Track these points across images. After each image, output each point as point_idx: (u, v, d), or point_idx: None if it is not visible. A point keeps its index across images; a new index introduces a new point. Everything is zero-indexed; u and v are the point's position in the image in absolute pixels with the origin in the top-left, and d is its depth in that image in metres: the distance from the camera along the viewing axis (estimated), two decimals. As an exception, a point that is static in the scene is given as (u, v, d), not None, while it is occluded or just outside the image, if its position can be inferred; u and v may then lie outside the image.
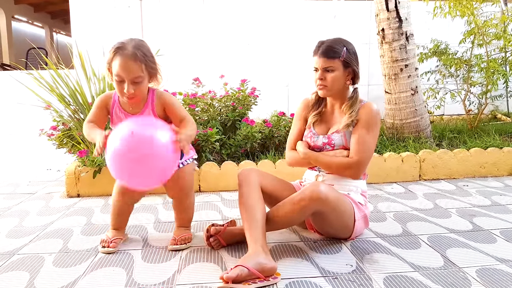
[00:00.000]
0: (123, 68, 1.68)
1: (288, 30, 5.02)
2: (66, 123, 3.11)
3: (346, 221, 1.83)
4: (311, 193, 1.67)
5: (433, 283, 1.54)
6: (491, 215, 2.28)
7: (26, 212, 2.48)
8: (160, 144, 1.55)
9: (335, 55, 1.83)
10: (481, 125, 4.00)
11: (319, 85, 1.89)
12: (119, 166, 1.57)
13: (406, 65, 3.40)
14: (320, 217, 1.78)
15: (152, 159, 1.54)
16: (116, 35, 4.77)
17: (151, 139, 1.55)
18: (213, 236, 1.84)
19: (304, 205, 1.69)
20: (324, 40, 1.89)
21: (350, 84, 1.92)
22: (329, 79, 1.85)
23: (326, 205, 1.70)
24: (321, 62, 1.85)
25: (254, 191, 1.76)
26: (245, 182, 1.79)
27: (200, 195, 2.77)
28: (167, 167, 1.61)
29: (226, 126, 3.26)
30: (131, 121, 1.65)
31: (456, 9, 3.65)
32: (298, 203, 1.70)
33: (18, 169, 3.67)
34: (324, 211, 1.73)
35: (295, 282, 1.57)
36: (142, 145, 1.52)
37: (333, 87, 1.87)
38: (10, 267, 1.74)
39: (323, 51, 1.84)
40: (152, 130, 1.58)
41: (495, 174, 3.13)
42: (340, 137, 1.88)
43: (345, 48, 1.85)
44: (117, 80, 1.71)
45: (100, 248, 1.91)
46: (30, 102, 3.18)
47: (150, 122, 1.67)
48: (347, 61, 1.85)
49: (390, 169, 3.00)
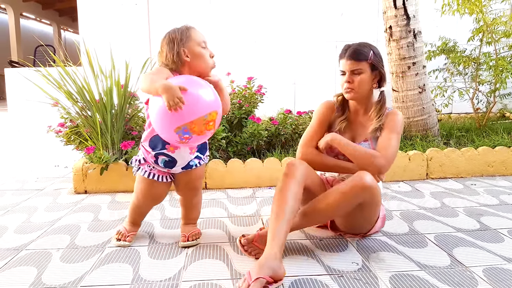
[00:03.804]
0: (203, 35, 1.82)
1: (295, 27, 5.01)
2: (74, 120, 3.12)
3: (374, 215, 1.84)
4: (364, 182, 1.65)
5: (439, 282, 1.53)
6: (499, 214, 2.27)
7: (34, 208, 2.51)
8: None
9: (363, 57, 1.82)
10: (489, 124, 3.97)
11: (347, 88, 1.86)
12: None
13: (413, 63, 3.38)
14: (356, 207, 1.75)
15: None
16: (123, 32, 4.82)
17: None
18: (248, 245, 1.78)
19: (355, 194, 1.66)
20: (351, 44, 1.88)
21: (376, 87, 1.91)
22: (357, 82, 1.84)
23: (373, 195, 1.70)
24: (349, 65, 1.83)
25: (295, 185, 1.70)
26: (290, 173, 1.72)
27: (206, 192, 2.78)
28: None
29: (233, 124, 3.26)
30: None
31: (464, 6, 3.61)
32: (350, 191, 1.67)
33: (26, 166, 3.71)
34: (367, 202, 1.72)
35: (301, 280, 1.57)
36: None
37: (360, 90, 1.85)
38: (18, 262, 1.76)
39: (350, 53, 1.83)
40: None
41: (503, 173, 3.11)
42: (368, 145, 1.87)
43: (372, 51, 1.84)
44: (203, 46, 1.79)
45: (114, 240, 1.93)
46: (38, 99, 3.20)
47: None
48: (374, 64, 1.84)
49: (397, 168, 2.98)
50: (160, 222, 2.23)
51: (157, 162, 1.82)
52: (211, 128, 1.61)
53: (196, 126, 1.55)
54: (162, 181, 1.88)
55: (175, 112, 1.49)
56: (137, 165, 1.88)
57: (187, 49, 1.74)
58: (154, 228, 2.14)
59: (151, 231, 2.10)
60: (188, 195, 1.96)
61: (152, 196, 1.91)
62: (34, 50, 8.44)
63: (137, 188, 1.92)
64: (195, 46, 1.76)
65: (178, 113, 1.51)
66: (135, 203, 1.96)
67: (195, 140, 1.62)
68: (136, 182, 1.92)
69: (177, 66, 1.76)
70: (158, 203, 2.00)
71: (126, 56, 3.39)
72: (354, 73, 1.84)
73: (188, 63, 1.76)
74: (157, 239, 2.00)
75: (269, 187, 2.87)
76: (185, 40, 1.75)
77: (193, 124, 1.54)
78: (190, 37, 1.76)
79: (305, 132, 1.98)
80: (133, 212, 1.99)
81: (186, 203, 1.99)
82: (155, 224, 2.19)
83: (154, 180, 1.86)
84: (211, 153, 2.94)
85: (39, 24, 15.39)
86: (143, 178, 1.88)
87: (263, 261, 1.50)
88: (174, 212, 2.38)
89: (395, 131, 1.84)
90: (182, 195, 1.97)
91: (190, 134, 1.56)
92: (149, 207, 2.00)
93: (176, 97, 1.47)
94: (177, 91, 1.49)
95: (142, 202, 1.94)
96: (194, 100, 1.54)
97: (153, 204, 2.00)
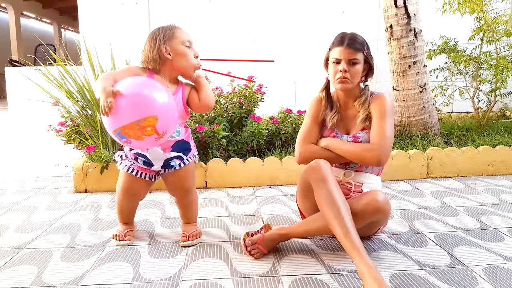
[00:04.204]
0: (188, 35, 1.80)
1: (295, 26, 5.00)
2: (74, 119, 3.13)
3: (382, 225, 1.83)
4: (377, 204, 1.61)
5: (439, 282, 1.53)
6: (499, 213, 2.27)
7: (34, 207, 2.51)
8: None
9: (361, 47, 1.79)
10: (490, 123, 3.96)
11: (342, 77, 1.78)
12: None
13: (414, 62, 3.38)
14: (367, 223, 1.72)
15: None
16: (124, 31, 4.81)
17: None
18: (252, 245, 1.76)
19: (367, 216, 1.63)
20: (345, 32, 1.83)
21: (363, 80, 1.87)
22: (353, 72, 1.79)
23: (386, 215, 1.68)
24: (347, 54, 1.77)
25: (338, 187, 1.63)
26: (328, 177, 1.63)
27: (207, 192, 2.78)
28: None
29: (233, 123, 3.26)
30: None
31: (465, 5, 3.61)
32: (359, 214, 1.62)
33: (26, 165, 3.71)
34: (380, 221, 1.72)
35: (301, 279, 1.57)
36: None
37: (354, 80, 1.81)
38: (19, 261, 1.76)
39: (349, 42, 1.77)
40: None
41: (503, 172, 3.10)
42: (366, 133, 1.83)
43: (365, 43, 1.82)
44: (187, 46, 1.78)
45: (114, 241, 1.92)
46: (39, 98, 3.21)
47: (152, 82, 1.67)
48: (367, 56, 1.81)
49: (398, 167, 2.98)
50: (161, 221, 2.23)
51: (137, 159, 1.86)
52: (151, 133, 1.55)
53: (131, 131, 1.54)
54: (141, 177, 1.89)
55: (106, 116, 1.53)
56: (119, 160, 1.93)
57: (170, 47, 1.75)
58: (155, 227, 2.14)
59: (151, 230, 2.10)
60: (178, 195, 1.96)
61: (129, 191, 1.92)
62: (34, 49, 8.44)
63: (117, 183, 1.95)
64: (178, 44, 1.76)
65: (111, 117, 1.54)
66: (117, 200, 1.98)
67: (138, 144, 1.60)
68: (118, 178, 1.95)
69: (157, 65, 1.77)
70: (137, 200, 1.99)
71: (126, 55, 3.39)
72: (351, 62, 1.78)
73: (170, 62, 1.76)
74: (158, 238, 2.00)
75: (270, 186, 2.87)
76: (168, 38, 1.75)
77: (126, 129, 1.53)
78: (173, 35, 1.76)
79: (301, 131, 1.92)
80: (118, 211, 1.99)
81: (179, 203, 1.99)
82: (156, 223, 2.20)
83: (133, 175, 1.89)
84: (212, 152, 2.94)
85: (40, 23, 15.39)
86: (123, 173, 1.91)
87: (379, 276, 1.40)
88: (174, 211, 2.38)
89: (385, 116, 1.79)
90: (173, 195, 1.98)
91: (126, 138, 1.56)
92: (129, 204, 1.98)
93: (106, 101, 1.50)
94: (109, 96, 1.51)
95: (121, 198, 1.95)
96: (127, 105, 1.53)
97: (133, 201, 1.98)
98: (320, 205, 1.61)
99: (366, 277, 1.39)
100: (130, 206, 1.99)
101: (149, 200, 2.58)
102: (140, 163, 1.86)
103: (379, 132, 1.76)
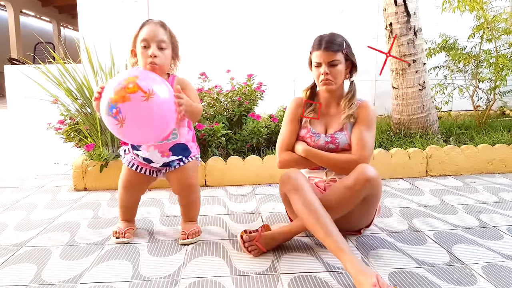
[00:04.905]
0: (151, 31, 1.73)
1: (295, 24, 4.99)
2: (74, 117, 3.12)
3: (374, 208, 1.84)
4: (367, 175, 1.65)
5: (438, 279, 1.53)
6: (498, 211, 2.27)
7: (33, 205, 2.51)
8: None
9: (339, 48, 1.83)
10: (489, 121, 3.96)
11: (325, 79, 1.85)
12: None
13: (414, 60, 3.37)
14: (360, 202, 1.73)
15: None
16: (123, 29, 4.79)
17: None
18: (249, 242, 1.77)
19: (360, 188, 1.66)
20: (323, 35, 1.88)
21: (348, 77, 1.93)
22: (335, 73, 1.84)
23: (378, 187, 1.70)
24: (326, 56, 1.83)
25: (312, 192, 1.69)
26: (300, 186, 1.69)
27: (206, 190, 2.78)
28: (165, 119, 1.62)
29: (232, 121, 3.26)
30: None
31: (465, 3, 3.60)
32: (354, 185, 1.66)
33: (26, 163, 3.71)
34: (372, 194, 1.71)
35: (300, 277, 1.57)
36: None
37: (337, 80, 1.86)
38: (18, 259, 1.76)
39: (327, 45, 1.83)
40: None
41: (502, 171, 3.11)
42: (344, 135, 1.86)
43: (344, 41, 1.86)
44: (143, 46, 1.73)
45: (114, 239, 1.93)
46: (38, 96, 3.20)
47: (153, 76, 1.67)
48: (347, 54, 1.86)
49: (397, 165, 2.98)
50: (160, 219, 2.23)
51: (138, 155, 1.91)
52: (135, 90, 1.52)
53: (115, 96, 1.53)
54: (141, 172, 1.93)
55: (98, 100, 1.62)
56: (123, 153, 1.99)
57: (135, 48, 1.80)
58: (154, 225, 2.14)
59: (150, 228, 2.10)
60: (182, 193, 1.96)
61: (129, 185, 1.95)
62: (33, 47, 8.43)
63: (120, 178, 1.98)
64: (140, 41, 1.75)
65: (100, 99, 1.61)
66: (119, 195, 2.00)
67: (127, 111, 1.52)
68: (121, 173, 1.99)
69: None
70: (137, 195, 2.01)
71: (125, 53, 3.38)
72: (331, 64, 1.83)
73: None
74: (157, 236, 2.00)
75: (269, 185, 2.88)
76: (136, 37, 1.78)
77: (113, 97, 1.53)
78: (137, 35, 1.77)
79: (280, 136, 1.98)
80: (120, 207, 2.02)
81: (182, 201, 1.99)
82: (155, 221, 2.20)
83: (134, 170, 1.93)
84: (211, 150, 2.94)
85: (39, 21, 15.34)
86: (124, 167, 1.96)
87: (366, 267, 1.46)
88: (173, 209, 2.38)
89: (369, 126, 1.85)
90: (177, 193, 1.98)
91: (115, 106, 1.53)
92: (130, 199, 2.00)
93: (96, 92, 1.65)
94: (97, 88, 1.67)
95: (122, 192, 1.98)
96: (111, 82, 1.60)
97: (133, 195, 2.00)
98: (299, 214, 1.68)
99: (354, 273, 1.44)
100: (131, 200, 2.01)
101: (148, 198, 2.58)
102: (141, 158, 1.90)
103: (362, 143, 1.81)
